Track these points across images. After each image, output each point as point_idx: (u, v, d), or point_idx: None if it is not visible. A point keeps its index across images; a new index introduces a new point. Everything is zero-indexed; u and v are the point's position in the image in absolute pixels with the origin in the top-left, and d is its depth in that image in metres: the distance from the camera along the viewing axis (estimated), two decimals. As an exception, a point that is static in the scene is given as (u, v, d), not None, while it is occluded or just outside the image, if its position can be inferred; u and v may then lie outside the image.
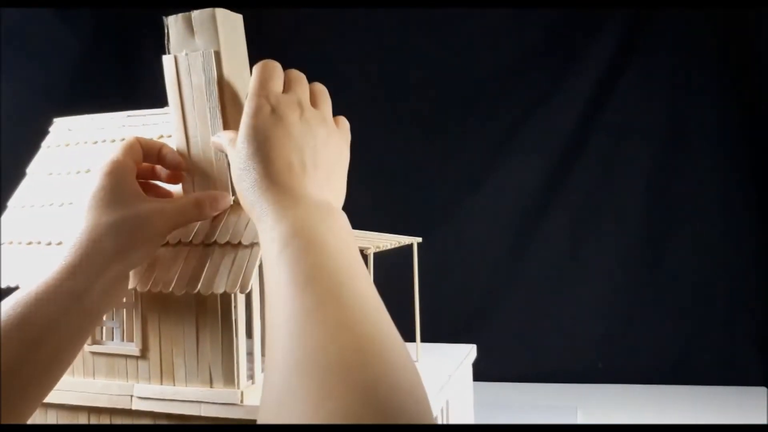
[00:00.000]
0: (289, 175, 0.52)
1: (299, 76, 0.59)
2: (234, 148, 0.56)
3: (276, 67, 0.58)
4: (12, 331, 0.51)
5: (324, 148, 0.56)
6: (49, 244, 0.75)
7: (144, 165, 0.65)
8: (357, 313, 0.41)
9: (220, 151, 0.62)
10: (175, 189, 0.70)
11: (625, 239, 1.60)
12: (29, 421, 0.73)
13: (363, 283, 0.45)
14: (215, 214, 0.65)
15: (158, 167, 0.67)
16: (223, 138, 0.60)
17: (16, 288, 0.73)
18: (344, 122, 0.62)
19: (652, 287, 1.58)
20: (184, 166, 0.66)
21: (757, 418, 1.30)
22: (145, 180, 0.67)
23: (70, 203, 0.78)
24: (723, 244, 1.55)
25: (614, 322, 1.60)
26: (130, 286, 0.65)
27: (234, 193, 0.67)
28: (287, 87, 0.58)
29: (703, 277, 1.55)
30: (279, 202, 0.50)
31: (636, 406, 1.40)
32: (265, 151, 0.53)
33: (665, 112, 1.57)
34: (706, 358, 1.54)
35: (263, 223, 0.50)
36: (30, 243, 0.76)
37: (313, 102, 0.59)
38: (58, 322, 0.53)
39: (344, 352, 0.38)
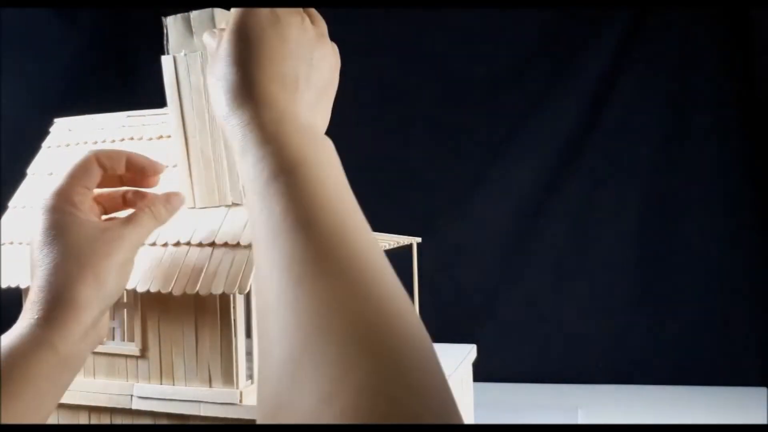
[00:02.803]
0: (280, 87, 0.45)
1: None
2: (218, 48, 0.48)
3: None
4: None
5: (321, 64, 0.50)
6: (49, 244, 0.75)
7: (108, 175, 0.59)
8: (369, 266, 0.37)
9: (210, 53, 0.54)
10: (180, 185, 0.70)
11: (624, 239, 1.60)
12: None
13: (364, 226, 0.40)
14: (172, 215, 0.61)
15: (125, 175, 0.61)
16: (215, 38, 0.52)
17: (17, 288, 0.73)
18: (336, 48, 0.55)
19: (652, 287, 1.58)
20: (161, 169, 0.62)
21: (757, 418, 1.30)
22: (114, 189, 0.61)
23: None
24: (723, 244, 1.55)
25: (614, 322, 1.59)
26: (130, 286, 0.65)
27: (235, 192, 0.67)
28: None
29: (702, 277, 1.55)
30: (262, 120, 0.43)
31: (636, 406, 1.40)
32: (255, 51, 0.45)
33: (664, 113, 1.57)
34: (706, 358, 1.54)
35: (244, 139, 0.43)
36: (30, 243, 0.76)
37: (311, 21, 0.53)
38: (36, 375, 0.50)
39: (364, 315, 0.33)
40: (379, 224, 0.93)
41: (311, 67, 0.49)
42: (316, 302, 0.34)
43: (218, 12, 0.63)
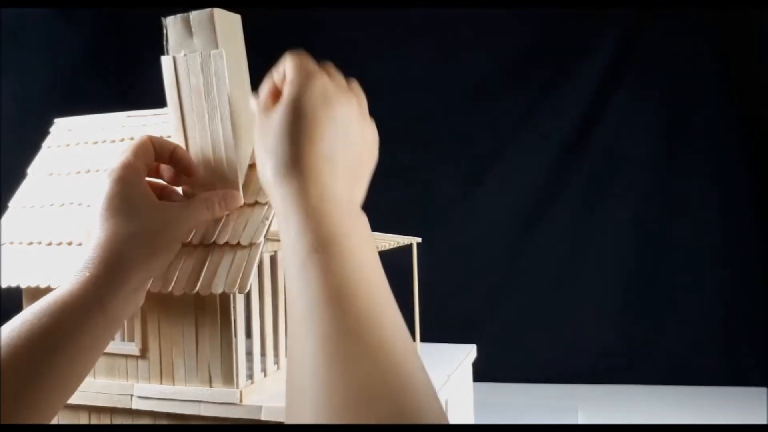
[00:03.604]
0: (324, 163, 0.49)
1: (337, 70, 0.56)
2: (269, 115, 0.52)
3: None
4: (37, 338, 0.52)
5: (361, 142, 0.54)
6: (50, 244, 0.75)
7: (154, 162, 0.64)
8: (397, 349, 0.40)
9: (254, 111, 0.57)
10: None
11: (624, 239, 1.60)
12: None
13: (393, 304, 0.44)
14: (226, 213, 0.65)
15: (163, 166, 0.66)
16: (260, 100, 0.55)
17: (17, 288, 0.73)
18: (374, 123, 0.59)
19: (651, 288, 1.58)
20: (194, 171, 0.65)
21: (757, 418, 1.30)
22: (150, 178, 0.66)
23: (71, 203, 0.78)
24: (723, 244, 1.55)
25: (614, 322, 1.60)
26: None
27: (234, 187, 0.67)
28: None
29: (703, 278, 1.55)
30: (307, 194, 0.47)
31: (636, 406, 1.41)
32: (308, 129, 0.49)
33: (665, 113, 1.57)
34: (706, 358, 1.54)
35: (287, 212, 0.47)
36: (31, 243, 0.76)
37: None
38: (82, 331, 0.54)
39: (388, 401, 0.37)
40: (379, 224, 0.93)
41: (352, 145, 0.52)
42: (346, 385, 0.38)
43: (217, 12, 0.63)
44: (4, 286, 0.74)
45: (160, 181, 0.66)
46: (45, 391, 0.52)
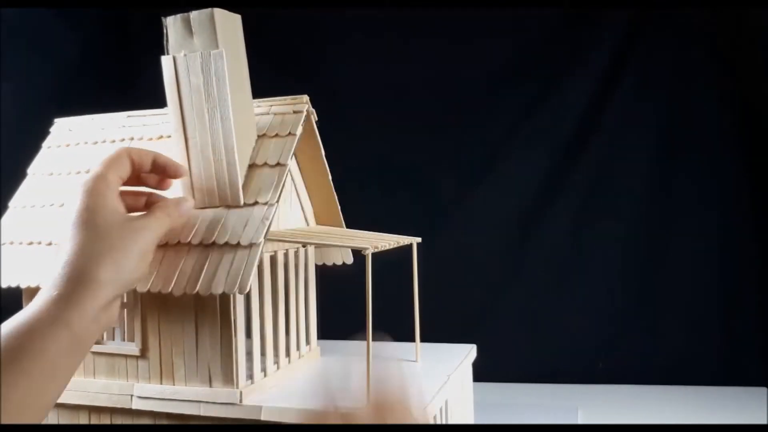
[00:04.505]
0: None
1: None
2: None
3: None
4: (8, 360, 0.52)
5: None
6: (50, 244, 0.75)
7: (134, 172, 0.64)
8: None
9: None
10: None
11: (624, 240, 1.60)
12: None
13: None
14: (183, 218, 0.66)
15: (144, 174, 0.65)
16: None
17: (17, 288, 0.73)
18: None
19: (652, 287, 1.58)
20: (181, 172, 0.66)
21: (757, 418, 1.30)
22: (129, 188, 0.65)
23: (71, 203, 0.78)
24: (723, 244, 1.55)
25: (614, 322, 1.59)
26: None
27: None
28: None
29: (703, 277, 1.55)
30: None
31: (636, 406, 1.40)
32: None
33: (665, 113, 1.57)
34: (706, 358, 1.54)
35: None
36: (30, 243, 0.76)
37: None
38: (48, 352, 0.53)
39: None
40: (379, 224, 0.93)
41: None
42: None
43: (217, 12, 0.63)
44: (4, 286, 0.74)
45: (143, 189, 0.66)
46: (10, 415, 0.51)
